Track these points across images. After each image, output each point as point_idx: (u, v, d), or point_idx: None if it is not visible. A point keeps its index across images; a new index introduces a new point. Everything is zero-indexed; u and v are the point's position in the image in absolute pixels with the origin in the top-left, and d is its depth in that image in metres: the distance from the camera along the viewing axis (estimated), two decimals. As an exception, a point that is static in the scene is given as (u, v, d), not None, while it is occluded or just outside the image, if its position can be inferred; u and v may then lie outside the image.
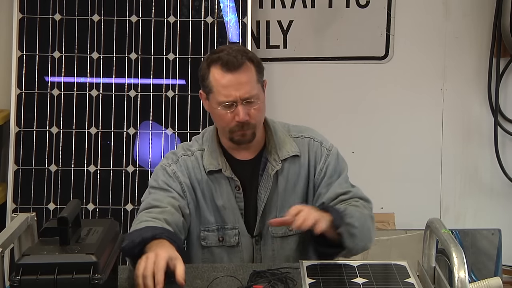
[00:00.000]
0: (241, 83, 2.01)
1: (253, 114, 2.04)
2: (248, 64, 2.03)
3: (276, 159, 2.12)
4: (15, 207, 3.20)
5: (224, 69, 2.01)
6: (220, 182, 2.12)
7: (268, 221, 2.09)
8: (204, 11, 3.30)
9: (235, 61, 2.01)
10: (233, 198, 2.12)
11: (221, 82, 2.02)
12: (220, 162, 2.11)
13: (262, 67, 2.11)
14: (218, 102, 2.03)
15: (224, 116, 2.04)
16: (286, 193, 2.14)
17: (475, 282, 1.70)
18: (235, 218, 2.13)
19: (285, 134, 2.17)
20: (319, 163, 2.15)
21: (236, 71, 2.01)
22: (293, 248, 2.16)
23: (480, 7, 3.51)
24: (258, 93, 2.05)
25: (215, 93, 2.04)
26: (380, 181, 3.48)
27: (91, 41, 3.29)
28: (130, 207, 3.23)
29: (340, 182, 2.14)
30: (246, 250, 2.14)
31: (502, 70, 3.53)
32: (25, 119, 3.25)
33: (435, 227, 1.78)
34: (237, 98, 2.01)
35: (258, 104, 2.05)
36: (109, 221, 1.75)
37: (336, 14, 3.49)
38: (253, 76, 2.04)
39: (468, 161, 3.62)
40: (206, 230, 2.14)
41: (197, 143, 2.18)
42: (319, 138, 2.20)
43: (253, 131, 2.07)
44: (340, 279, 1.81)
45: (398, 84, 3.56)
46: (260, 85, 2.08)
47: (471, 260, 3.34)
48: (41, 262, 1.49)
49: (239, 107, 2.02)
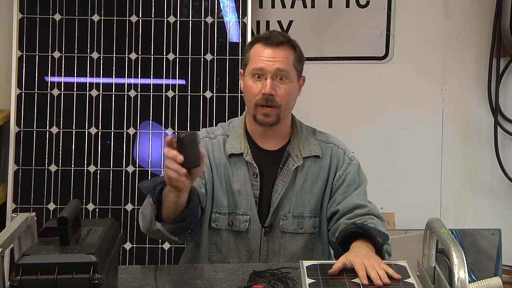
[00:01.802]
0: (276, 58, 2.09)
1: (280, 92, 2.09)
2: (289, 46, 2.13)
3: (298, 155, 2.16)
4: (15, 207, 3.20)
5: (264, 44, 2.12)
6: (239, 166, 2.15)
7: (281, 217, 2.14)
8: (204, 11, 3.30)
9: (276, 39, 2.11)
10: (249, 184, 2.15)
11: (258, 53, 2.11)
12: (242, 147, 2.15)
13: (303, 59, 2.20)
14: (251, 71, 2.11)
15: (252, 88, 2.10)
16: (302, 191, 2.17)
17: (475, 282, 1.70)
18: (249, 204, 2.15)
19: (310, 135, 2.23)
20: (340, 170, 2.19)
21: (274, 47, 2.10)
22: (300, 246, 2.18)
23: (480, 7, 3.51)
24: (291, 75, 2.12)
25: (250, 63, 2.13)
26: (380, 181, 3.48)
27: (91, 41, 3.29)
28: (130, 207, 3.23)
29: (358, 193, 2.16)
30: (254, 239, 2.16)
31: (502, 70, 3.53)
32: (25, 119, 3.25)
33: (435, 227, 1.78)
34: (268, 70, 2.08)
35: (287, 84, 2.11)
36: (109, 221, 1.75)
37: (336, 14, 3.49)
38: (290, 58, 2.12)
39: (468, 161, 3.62)
40: (217, 213, 2.16)
41: (222, 129, 2.23)
42: (343, 147, 2.24)
43: (278, 112, 2.11)
44: (340, 279, 1.81)
45: (398, 84, 3.56)
46: (296, 71, 2.14)
47: (471, 260, 3.34)
48: (41, 262, 1.49)
49: (268, 80, 2.09)
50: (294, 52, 2.14)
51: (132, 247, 3.21)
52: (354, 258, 1.84)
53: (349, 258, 1.85)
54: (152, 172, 3.25)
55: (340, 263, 1.85)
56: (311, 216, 2.18)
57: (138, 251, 3.20)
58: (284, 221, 2.16)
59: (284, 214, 2.16)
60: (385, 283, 1.76)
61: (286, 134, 2.20)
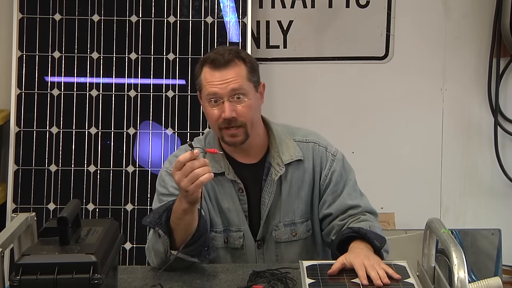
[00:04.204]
0: (227, 80, 2.02)
1: (240, 111, 2.02)
2: (237, 61, 2.04)
3: (280, 164, 2.11)
4: (15, 207, 3.20)
5: (211, 67, 2.04)
6: (224, 184, 2.12)
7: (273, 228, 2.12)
8: (204, 11, 3.30)
9: (222, 59, 2.03)
10: (237, 201, 2.12)
11: (208, 78, 2.04)
12: (222, 165, 2.11)
13: (256, 67, 2.10)
14: (206, 98, 2.05)
15: (212, 113, 2.04)
16: (290, 198, 2.14)
17: (475, 282, 1.70)
18: (240, 220, 2.13)
19: (288, 138, 2.16)
20: (324, 169, 2.14)
21: (223, 68, 2.02)
22: (297, 252, 2.16)
23: (480, 8, 3.51)
24: (247, 91, 2.04)
25: (204, 90, 2.05)
26: (380, 181, 3.48)
27: (91, 41, 3.29)
28: (130, 207, 3.23)
29: (349, 192, 2.14)
30: (250, 254, 2.14)
31: (502, 70, 3.53)
32: (25, 119, 3.25)
33: (435, 227, 1.78)
34: (223, 94, 2.02)
35: (246, 101, 2.03)
36: (109, 221, 1.76)
37: (336, 14, 3.49)
38: (241, 73, 2.04)
39: (468, 161, 3.62)
40: (213, 231, 2.14)
41: (199, 145, 2.17)
42: (324, 143, 2.18)
43: (245, 130, 2.04)
44: (340, 279, 1.81)
45: (398, 84, 3.56)
46: (251, 84, 2.06)
47: (471, 260, 3.34)
48: (41, 262, 1.49)
49: (226, 103, 2.01)
50: (244, 65, 2.05)
51: (132, 247, 3.21)
52: (353, 258, 1.84)
53: (348, 258, 1.85)
54: (152, 172, 3.25)
55: (339, 263, 1.84)
56: (302, 221, 2.15)
57: (138, 251, 3.20)
58: (276, 232, 2.14)
59: (276, 224, 2.14)
60: (385, 283, 1.76)
61: (262, 144, 2.14)
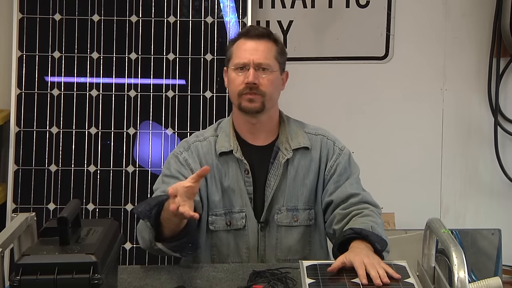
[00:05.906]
0: (257, 50, 2.13)
1: (263, 81, 2.12)
2: (270, 39, 2.17)
3: (288, 148, 2.17)
4: (15, 207, 3.20)
5: (245, 37, 2.17)
6: (230, 164, 2.17)
7: (275, 211, 2.16)
8: (204, 11, 3.30)
9: (257, 31, 2.17)
10: (241, 181, 2.16)
11: (240, 47, 2.15)
12: (232, 144, 2.17)
13: (285, 53, 2.22)
14: (234, 65, 2.14)
15: (235, 79, 2.14)
16: (295, 183, 2.18)
17: (475, 282, 1.70)
18: (243, 201, 2.16)
19: (299, 128, 2.25)
20: (330, 160, 2.20)
21: (256, 39, 2.15)
22: (297, 239, 2.19)
23: (480, 7, 3.51)
24: (273, 68, 2.14)
25: (233, 58, 2.15)
26: (380, 181, 3.48)
27: (91, 41, 3.29)
28: (130, 207, 3.23)
29: (351, 182, 2.18)
30: (252, 235, 2.17)
31: (502, 70, 3.53)
32: (25, 119, 3.25)
33: (435, 227, 1.78)
34: (250, 61, 2.11)
35: (270, 74, 2.13)
36: (109, 221, 1.76)
37: (336, 14, 3.49)
38: (271, 50, 2.16)
39: (468, 161, 3.62)
40: (214, 215, 2.17)
41: (211, 130, 2.25)
42: (333, 137, 2.26)
43: (262, 100, 2.13)
44: (340, 279, 1.81)
45: (398, 84, 3.56)
46: (278, 64, 2.17)
47: (471, 260, 3.34)
48: (41, 262, 1.49)
49: (251, 70, 2.11)
50: (275, 45, 2.18)
51: (132, 247, 3.21)
52: (353, 257, 1.84)
53: (348, 257, 1.86)
54: (152, 172, 3.25)
55: (339, 261, 1.85)
56: (305, 209, 2.19)
57: (138, 251, 3.20)
58: (278, 215, 2.18)
59: (279, 208, 2.18)
60: (385, 282, 1.76)
61: (274, 128, 2.22)
